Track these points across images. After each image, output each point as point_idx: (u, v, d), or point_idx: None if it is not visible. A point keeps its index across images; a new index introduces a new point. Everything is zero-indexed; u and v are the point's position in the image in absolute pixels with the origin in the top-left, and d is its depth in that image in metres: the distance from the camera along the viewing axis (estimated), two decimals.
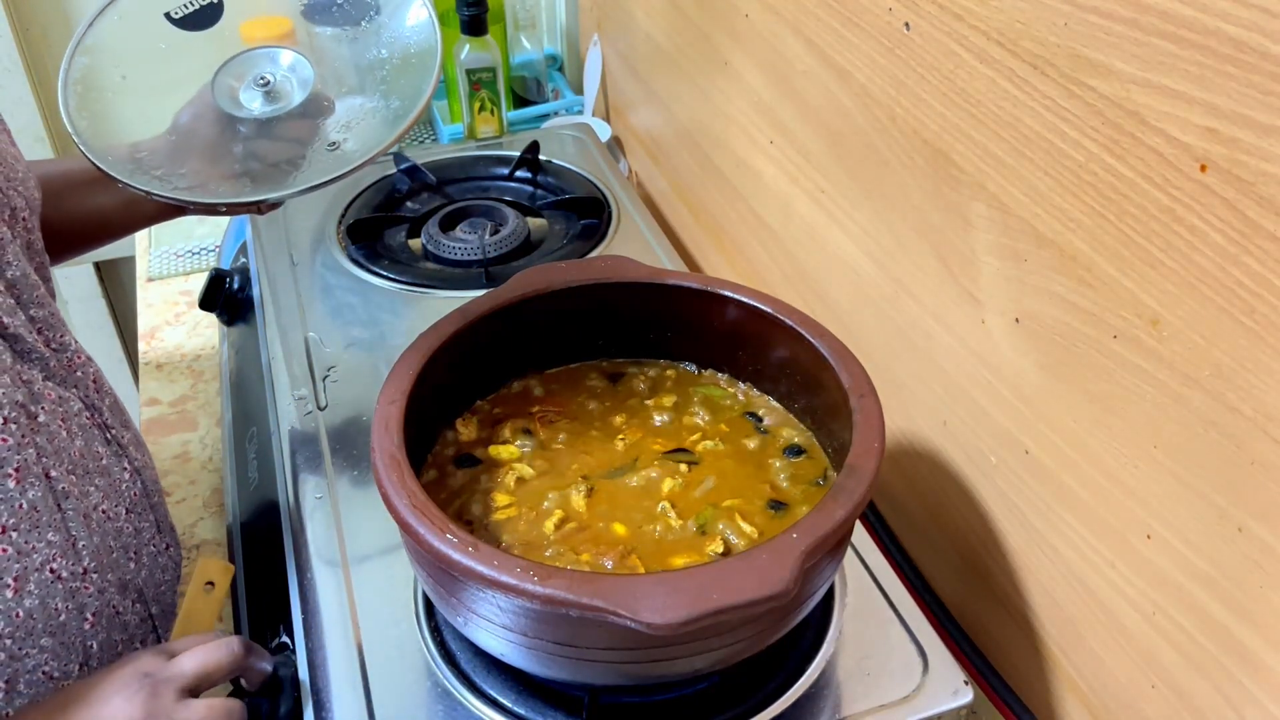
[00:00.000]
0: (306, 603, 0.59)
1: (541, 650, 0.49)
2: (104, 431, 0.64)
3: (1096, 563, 0.54)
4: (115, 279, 1.37)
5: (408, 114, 0.61)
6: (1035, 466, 0.58)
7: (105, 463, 0.63)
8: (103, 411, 0.64)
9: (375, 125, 0.62)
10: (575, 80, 1.33)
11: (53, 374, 0.60)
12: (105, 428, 0.64)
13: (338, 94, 0.64)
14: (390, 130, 0.61)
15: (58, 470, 0.57)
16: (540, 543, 0.53)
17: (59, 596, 0.56)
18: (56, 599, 0.56)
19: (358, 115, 0.63)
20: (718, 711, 0.53)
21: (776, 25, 0.77)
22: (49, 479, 0.57)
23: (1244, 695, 0.46)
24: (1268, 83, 0.38)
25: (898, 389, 0.71)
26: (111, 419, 0.65)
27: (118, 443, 0.65)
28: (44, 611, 0.55)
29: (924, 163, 0.62)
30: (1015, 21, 0.51)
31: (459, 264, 0.86)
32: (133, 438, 0.68)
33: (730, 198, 0.94)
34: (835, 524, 0.46)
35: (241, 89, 0.64)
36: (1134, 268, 0.47)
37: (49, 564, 0.56)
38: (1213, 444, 0.45)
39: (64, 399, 0.60)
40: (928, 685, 0.55)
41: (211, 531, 0.84)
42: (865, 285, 0.72)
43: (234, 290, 0.92)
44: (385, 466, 0.50)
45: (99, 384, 0.65)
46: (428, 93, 0.62)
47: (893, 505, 0.75)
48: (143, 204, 0.71)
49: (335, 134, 0.62)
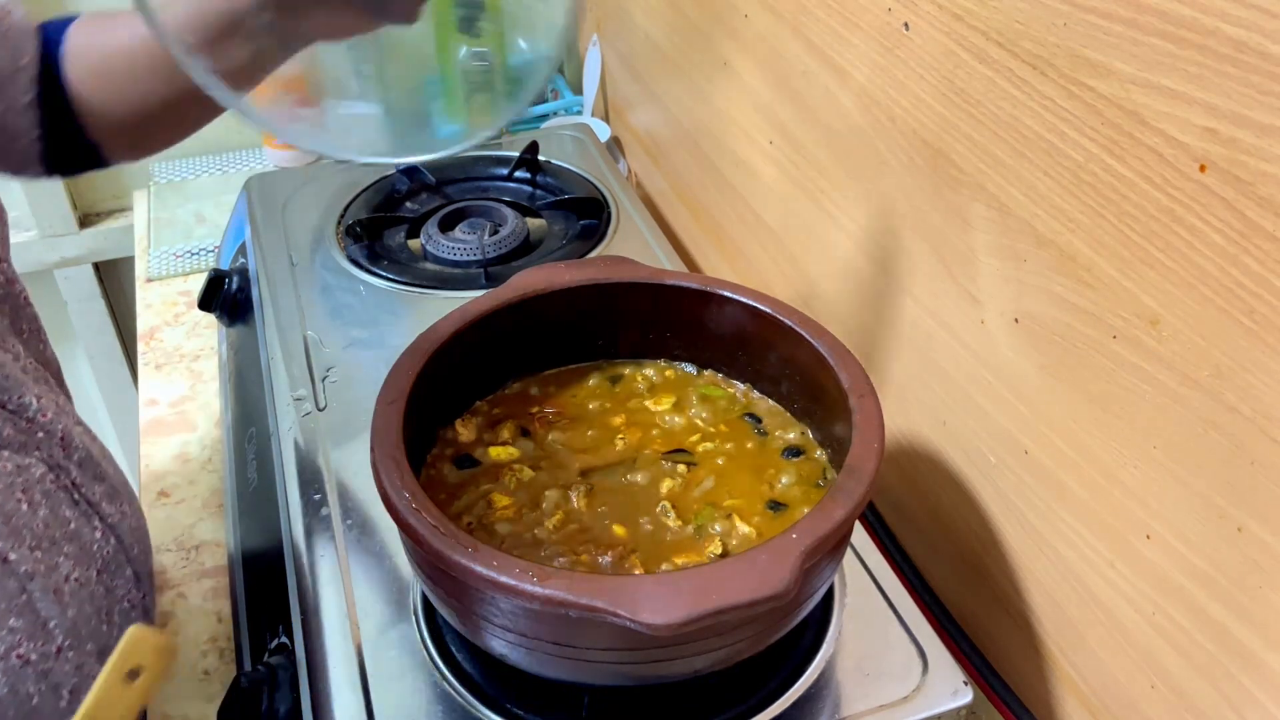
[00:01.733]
0: (305, 603, 0.59)
1: (541, 650, 0.48)
2: (71, 493, 0.58)
3: (1096, 563, 0.54)
4: (115, 279, 1.37)
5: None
6: (1035, 466, 0.58)
7: (74, 527, 0.57)
8: (70, 471, 0.59)
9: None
10: (574, 80, 1.33)
11: (8, 442, 0.55)
12: (74, 488, 0.59)
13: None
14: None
15: (18, 551, 0.53)
16: (539, 543, 0.53)
17: (30, 680, 0.52)
18: (28, 683, 0.52)
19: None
20: (718, 711, 0.53)
21: (776, 25, 0.77)
22: (7, 562, 0.52)
23: (1244, 695, 0.46)
24: (1267, 83, 0.38)
25: (898, 389, 0.71)
26: (81, 476, 0.59)
27: (87, 501, 0.59)
28: (15, 698, 0.51)
29: (924, 163, 0.62)
30: (1015, 21, 0.51)
31: (458, 264, 0.86)
32: (107, 490, 0.62)
33: (730, 198, 0.94)
34: (835, 524, 0.46)
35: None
36: (1134, 268, 0.47)
37: (14, 650, 0.52)
38: (1212, 444, 0.45)
39: (24, 467, 0.55)
40: (927, 685, 0.55)
41: (211, 532, 0.84)
42: (865, 285, 0.72)
43: (233, 291, 0.92)
44: (384, 467, 0.50)
45: (67, 441, 0.59)
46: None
47: (892, 505, 0.75)
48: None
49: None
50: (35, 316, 0.66)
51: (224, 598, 0.78)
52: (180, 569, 0.81)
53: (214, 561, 0.81)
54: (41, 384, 0.60)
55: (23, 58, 0.62)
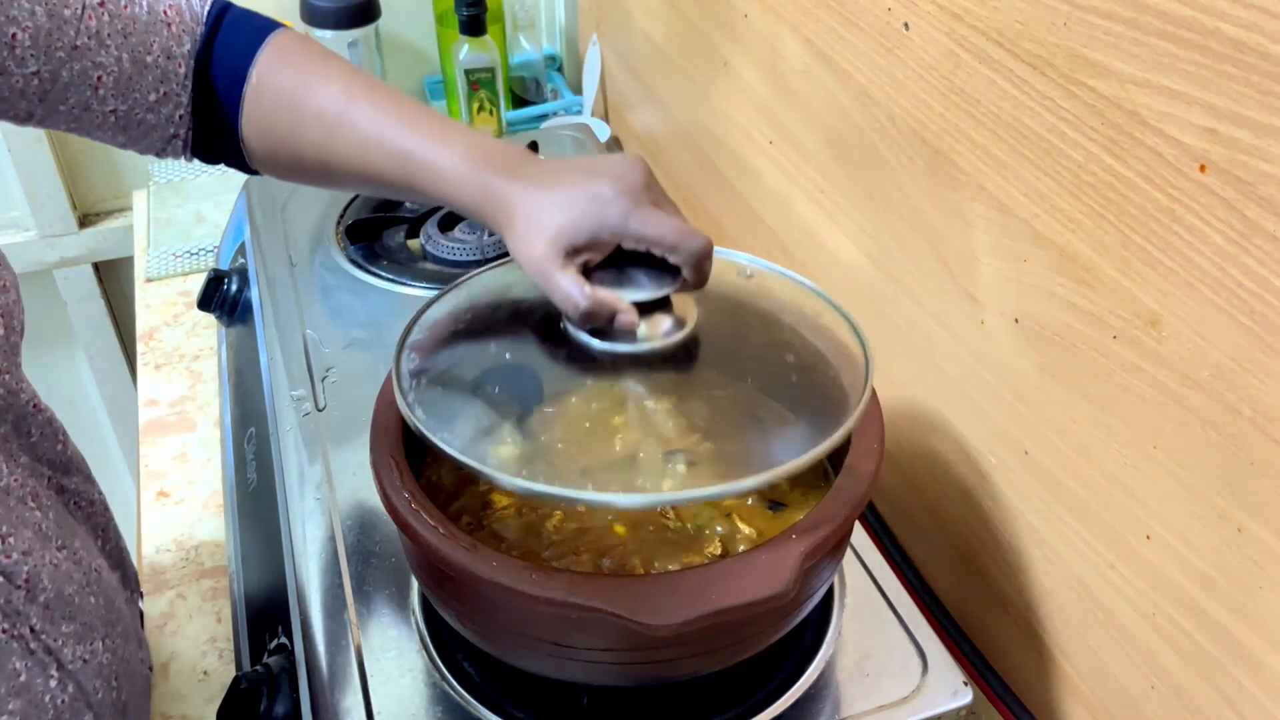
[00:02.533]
0: (305, 603, 0.59)
1: (541, 650, 0.48)
2: (26, 642, 0.51)
3: (1096, 563, 0.54)
4: (114, 279, 1.37)
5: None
6: (1035, 466, 0.58)
7: (24, 679, 0.51)
8: (29, 617, 0.51)
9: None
10: (574, 80, 1.33)
11: None
12: (32, 635, 0.51)
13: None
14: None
15: None
16: (539, 543, 0.53)
17: None
18: None
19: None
20: (718, 711, 0.53)
21: (776, 25, 0.77)
22: None
23: (1244, 695, 0.46)
24: (1267, 83, 0.38)
25: (898, 389, 0.71)
26: (42, 621, 0.52)
27: (45, 649, 0.52)
28: None
29: (923, 163, 0.62)
30: (1015, 21, 0.51)
31: (458, 264, 0.86)
32: (77, 630, 0.54)
33: (729, 198, 0.94)
34: (834, 525, 0.46)
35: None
36: (1134, 268, 0.47)
37: None
38: (1212, 444, 0.45)
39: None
40: (927, 686, 0.55)
41: (210, 532, 0.84)
42: (865, 285, 0.72)
43: (233, 291, 0.92)
44: (384, 467, 0.50)
45: (32, 582, 0.52)
46: None
47: (892, 505, 0.75)
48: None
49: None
50: (50, 419, 0.61)
51: (224, 598, 0.78)
52: (180, 569, 0.81)
53: (214, 561, 0.81)
54: (23, 511, 0.53)
55: (182, 44, 0.60)
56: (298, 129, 0.61)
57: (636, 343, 0.53)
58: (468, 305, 0.58)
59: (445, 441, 0.46)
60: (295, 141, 0.62)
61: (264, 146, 0.63)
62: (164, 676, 0.73)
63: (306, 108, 0.61)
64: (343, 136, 0.60)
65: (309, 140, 0.61)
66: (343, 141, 0.60)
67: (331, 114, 0.60)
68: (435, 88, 1.34)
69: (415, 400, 0.50)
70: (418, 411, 0.49)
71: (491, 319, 0.58)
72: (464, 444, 0.48)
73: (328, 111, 0.60)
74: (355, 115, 0.60)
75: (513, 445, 0.51)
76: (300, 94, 0.61)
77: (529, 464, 0.51)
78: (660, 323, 0.54)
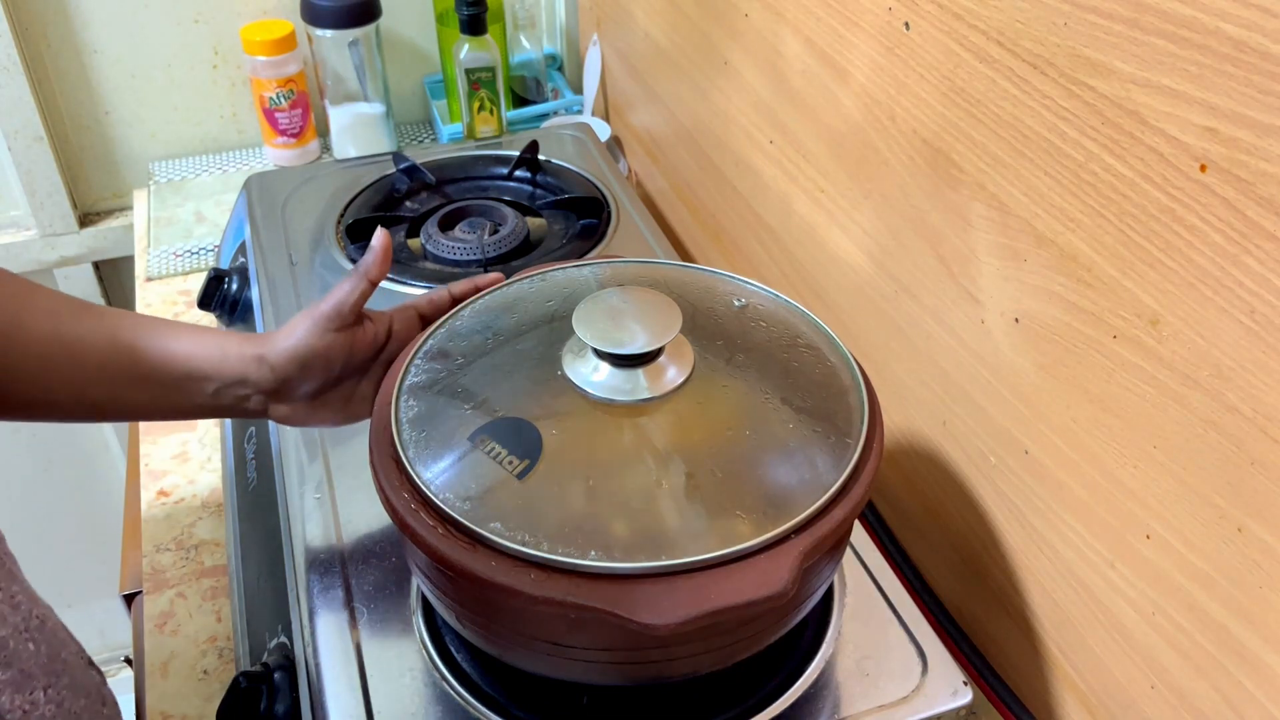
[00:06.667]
0: (305, 603, 0.59)
1: (540, 650, 0.48)
2: None
3: (1096, 563, 0.54)
4: (114, 279, 1.37)
5: None
6: (1035, 466, 0.58)
7: None
8: None
9: None
10: (575, 80, 1.33)
11: None
12: None
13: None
14: None
15: None
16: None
17: None
18: None
19: None
20: (717, 711, 0.53)
21: (776, 25, 0.77)
22: None
23: (1244, 695, 0.46)
24: (1267, 83, 0.38)
25: (898, 389, 0.71)
26: None
27: None
28: None
29: (924, 163, 0.62)
30: (1015, 21, 0.51)
31: (458, 264, 0.86)
32: (14, 677, 0.50)
33: (730, 197, 0.94)
34: (834, 524, 0.46)
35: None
36: (1134, 268, 0.47)
37: None
38: (1212, 444, 0.45)
39: None
40: (927, 686, 0.55)
41: (210, 532, 0.84)
42: (865, 285, 0.72)
43: (233, 290, 0.92)
44: (383, 468, 0.50)
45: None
46: None
47: (892, 505, 0.75)
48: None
49: None
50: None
51: (223, 597, 0.78)
52: (180, 568, 0.81)
53: (213, 561, 0.81)
54: None
55: None
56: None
57: (634, 393, 0.53)
58: (464, 344, 0.57)
59: (446, 503, 0.47)
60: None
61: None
62: (164, 676, 0.73)
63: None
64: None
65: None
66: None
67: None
68: (435, 87, 1.34)
69: (415, 457, 0.49)
70: (420, 470, 0.49)
71: (486, 359, 0.57)
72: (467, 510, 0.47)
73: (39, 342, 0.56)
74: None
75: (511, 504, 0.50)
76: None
77: (530, 529, 0.49)
78: (663, 370, 0.54)
